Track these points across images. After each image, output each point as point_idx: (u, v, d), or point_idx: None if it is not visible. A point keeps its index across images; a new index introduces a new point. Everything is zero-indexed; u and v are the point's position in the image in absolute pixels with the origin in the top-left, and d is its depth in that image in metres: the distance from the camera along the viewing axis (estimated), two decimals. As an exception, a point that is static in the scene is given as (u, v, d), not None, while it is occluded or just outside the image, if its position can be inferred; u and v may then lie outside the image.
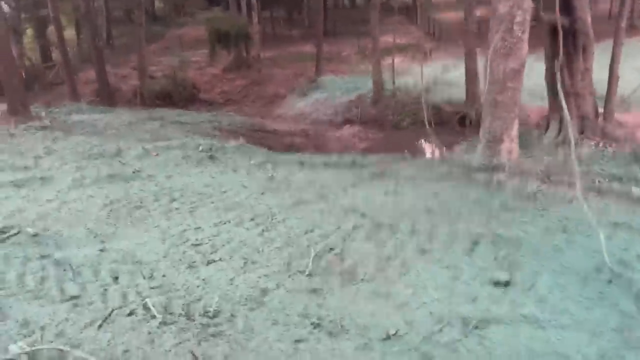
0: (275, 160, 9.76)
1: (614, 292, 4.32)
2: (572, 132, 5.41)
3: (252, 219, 6.19)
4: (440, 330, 3.73)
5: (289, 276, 4.67)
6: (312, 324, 3.88)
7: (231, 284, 4.53)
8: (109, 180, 8.09)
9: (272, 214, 6.34)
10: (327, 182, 8.04)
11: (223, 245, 5.41)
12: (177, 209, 6.67)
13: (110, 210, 6.58)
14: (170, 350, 3.52)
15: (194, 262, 4.98)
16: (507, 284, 4.49)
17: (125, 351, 3.49)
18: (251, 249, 5.31)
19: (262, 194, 7.35)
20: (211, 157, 9.93)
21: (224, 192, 7.47)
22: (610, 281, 4.53)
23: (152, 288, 4.48)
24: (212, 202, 6.94)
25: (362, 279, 4.59)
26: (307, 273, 4.69)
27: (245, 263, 4.96)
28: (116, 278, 4.65)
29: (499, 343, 3.52)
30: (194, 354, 3.31)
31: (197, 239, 5.56)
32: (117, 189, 7.56)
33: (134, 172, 8.68)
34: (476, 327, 3.73)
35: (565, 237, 5.65)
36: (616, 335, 3.51)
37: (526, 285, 4.49)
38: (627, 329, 3.64)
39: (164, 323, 3.89)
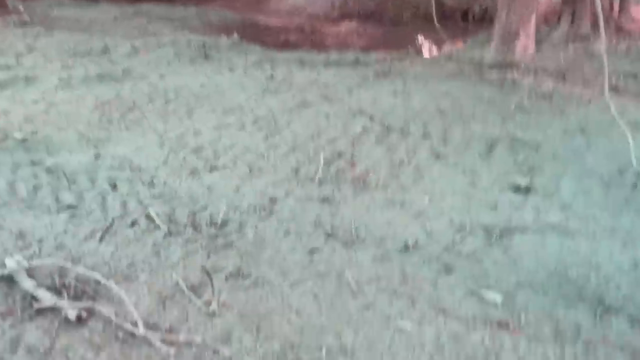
0: (272, 58, 9.18)
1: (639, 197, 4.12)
2: (602, 26, 4.92)
3: (254, 123, 5.83)
4: (462, 240, 3.55)
5: (298, 184, 4.41)
6: (325, 233, 3.67)
7: (237, 192, 4.27)
8: (98, 80, 7.56)
9: (275, 118, 5.97)
10: (330, 82, 7.58)
11: (225, 150, 5.09)
12: (173, 111, 6.26)
13: (102, 113, 6.16)
14: (178, 263, 3.32)
15: (196, 168, 4.69)
16: (527, 189, 4.27)
17: (130, 265, 3.29)
18: (255, 155, 5.00)
19: (263, 95, 6.91)
20: (205, 56, 9.31)
21: (222, 93, 7.01)
22: (635, 185, 4.32)
23: (153, 196, 4.21)
24: (210, 104, 6.52)
25: (375, 186, 4.35)
26: (316, 180, 4.43)
27: (250, 170, 4.67)
28: (114, 186, 4.36)
29: (525, 253, 3.35)
30: (205, 270, 3.11)
31: (197, 144, 5.22)
32: (107, 90, 7.07)
33: (124, 71, 8.12)
34: (500, 237, 3.55)
35: (585, 139, 5.38)
36: (649, 245, 3.34)
37: (548, 190, 4.27)
38: (659, 238, 3.47)
39: (169, 234, 3.66)
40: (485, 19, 12.49)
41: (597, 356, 2.56)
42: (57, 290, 2.90)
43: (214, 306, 2.85)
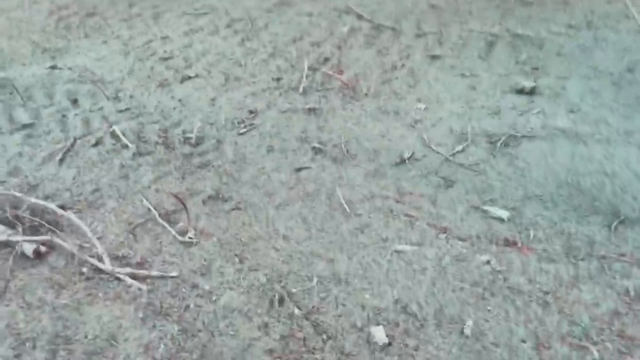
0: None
1: (652, 97, 3.77)
2: None
3: (228, 26, 5.24)
4: (463, 150, 3.21)
5: (280, 94, 3.97)
6: (313, 149, 3.31)
7: (213, 105, 3.84)
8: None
9: (252, 19, 5.38)
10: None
11: (198, 58, 4.58)
12: (138, 15, 5.62)
13: (59, 19, 5.51)
14: (149, 187, 2.97)
15: (166, 79, 4.21)
16: (532, 91, 3.89)
17: (95, 190, 2.94)
18: (231, 62, 4.50)
19: (238, -6, 6.23)
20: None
21: (192, -7, 6.31)
22: (647, 84, 3.95)
23: (119, 112, 3.78)
24: (179, 6, 5.86)
25: (365, 94, 3.93)
26: (300, 90, 3.99)
27: (226, 79, 4.20)
28: (75, 101, 3.90)
29: (532, 163, 3.04)
30: (178, 198, 2.77)
31: (165, 52, 4.69)
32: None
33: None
34: (504, 145, 3.22)
35: (591, 34, 4.91)
36: (668, 150, 3.04)
37: (554, 92, 3.89)
38: (677, 142, 3.16)
39: (138, 154, 3.28)
40: None
41: (613, 273, 2.33)
42: (10, 223, 2.57)
43: (190, 234, 2.55)
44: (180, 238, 2.52)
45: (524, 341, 1.98)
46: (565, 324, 2.06)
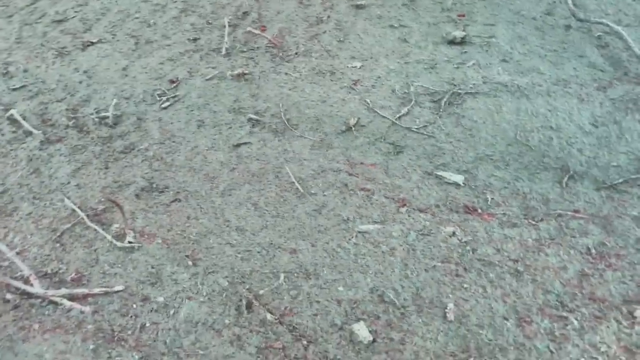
0: None
1: (575, 39, 3.83)
2: None
3: (127, -23, 4.63)
4: (408, 112, 3.08)
5: (202, 58, 3.58)
6: (250, 121, 3.02)
7: (126, 76, 3.38)
8: None
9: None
10: None
11: (97, 19, 4.01)
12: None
13: None
14: (68, 182, 2.57)
15: (64, 47, 3.64)
16: (463, 41, 3.80)
17: (2, 193, 2.49)
18: (138, 22, 3.99)
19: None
20: None
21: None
22: (568, 26, 4.00)
23: (13, 90, 3.23)
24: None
25: (296, 54, 3.64)
26: (223, 52, 3.62)
27: (136, 43, 3.72)
28: (-47, 81, 3.28)
29: (480, 122, 2.97)
30: (114, 202, 2.41)
31: (58, 13, 4.06)
32: None
33: None
34: (449, 104, 3.13)
35: (509, -23, 4.88)
36: (604, 98, 3.09)
37: (484, 41, 3.84)
38: (608, 86, 3.23)
39: (47, 141, 2.83)
40: None
41: (572, 232, 2.36)
42: None
43: (130, 237, 2.23)
44: (118, 243, 2.20)
45: (506, 319, 1.95)
46: (540, 293, 2.06)
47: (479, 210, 2.49)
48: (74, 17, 4.00)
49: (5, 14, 3.99)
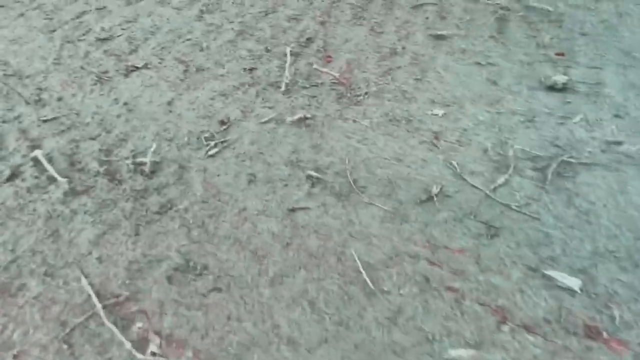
0: None
1: None
2: None
3: (182, -9, 4.23)
4: (505, 182, 2.50)
5: (258, 94, 3.10)
6: (309, 178, 2.51)
7: (170, 112, 2.94)
8: None
9: (211, -18, 4.37)
10: None
11: (146, 38, 3.60)
12: (65, -26, 4.48)
13: (-40, -20, 4.32)
14: (89, 253, 2.12)
15: (106, 72, 3.24)
16: (564, 87, 3.19)
17: (11, 262, 2.07)
18: (190, 44, 3.55)
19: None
20: None
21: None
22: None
23: (44, 122, 2.83)
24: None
25: (366, 93, 3.12)
26: (283, 87, 3.13)
27: (186, 71, 3.28)
28: (-19, 107, 2.92)
29: (599, 203, 2.36)
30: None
31: (103, 29, 3.67)
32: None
33: None
34: (558, 175, 2.52)
35: (613, 7, 4.22)
36: None
37: (590, 88, 3.21)
38: None
39: (72, 192, 2.40)
40: None
41: None
42: None
43: (154, 346, 1.75)
44: (138, 355, 1.72)
45: None
46: None
47: (605, 334, 1.89)
48: (120, 35, 3.60)
49: (47, 28, 3.64)
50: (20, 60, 3.26)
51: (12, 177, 2.47)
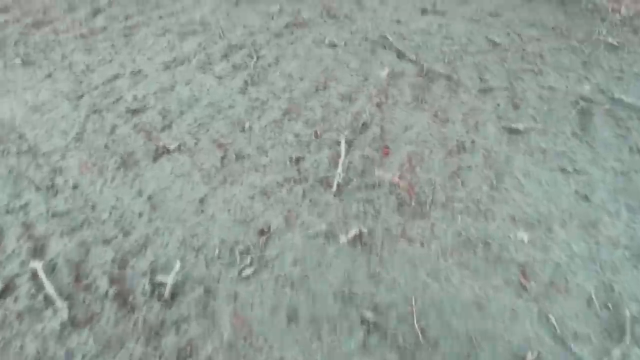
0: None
1: None
2: None
3: (225, 56, 3.86)
4: (623, 357, 1.95)
5: (305, 194, 2.63)
6: (364, 324, 2.00)
7: (202, 212, 2.48)
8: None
9: (257, 48, 4.00)
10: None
11: (182, 112, 3.20)
12: (103, 29, 4.18)
13: (-8, 29, 4.05)
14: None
15: (132, 154, 2.82)
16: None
17: None
18: (230, 123, 3.14)
19: (237, 5, 4.82)
20: None
21: (178, -1, 4.87)
22: None
23: (53, 216, 2.40)
24: (160, 18, 4.43)
25: (432, 202, 2.62)
26: (334, 188, 2.66)
27: (223, 158, 2.84)
28: (-15, 190, 2.52)
29: None
30: None
31: (136, 98, 3.29)
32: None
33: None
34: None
35: None
36: None
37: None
38: None
39: (72, 323, 1.93)
40: None
41: None
42: None
43: None
44: None
45: None
46: None
47: None
48: (153, 106, 3.21)
49: (75, 93, 3.27)
50: (38, 134, 2.87)
51: (3, 293, 2.02)
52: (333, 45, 4.11)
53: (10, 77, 3.37)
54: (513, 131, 3.22)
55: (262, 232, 2.36)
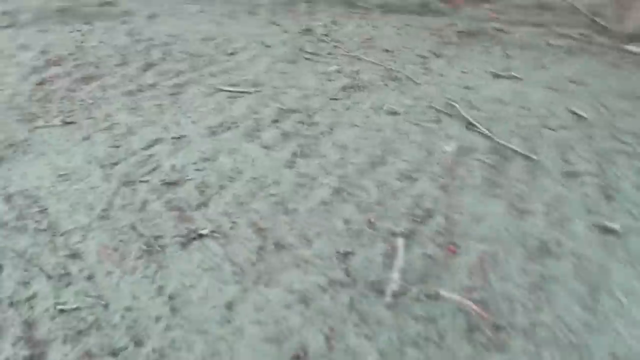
0: (311, -3, 6.69)
1: None
2: None
3: (275, 122, 3.55)
4: None
5: (352, 303, 2.18)
6: None
7: (228, 322, 2.08)
8: (59, 18, 5.27)
9: (311, 112, 3.68)
10: (394, 43, 5.16)
11: (221, 187, 2.87)
12: (151, 86, 3.99)
13: (41, 81, 3.93)
14: None
15: (159, 238, 2.48)
16: None
17: None
18: (273, 203, 2.77)
19: (294, 63, 4.56)
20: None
21: (231, 54, 4.68)
22: None
23: (60, 312, 2.07)
24: (212, 76, 4.22)
25: (512, 329, 2.11)
26: (388, 297, 2.20)
27: (261, 248, 2.46)
28: (-7, 275, 2.23)
29: None
30: None
31: (174, 168, 3.00)
32: (67, 36, 4.80)
33: (103, 4, 5.80)
34: None
35: None
36: None
37: None
38: None
39: None
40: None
41: None
42: None
43: None
44: None
45: None
46: None
47: None
48: (191, 178, 2.90)
49: (110, 159, 3.01)
50: (61, 208, 2.59)
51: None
52: (393, 113, 3.73)
53: (47, 138, 3.17)
54: (607, 231, 2.68)
55: (296, 358, 1.93)
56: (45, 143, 3.13)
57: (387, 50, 4.99)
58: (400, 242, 2.45)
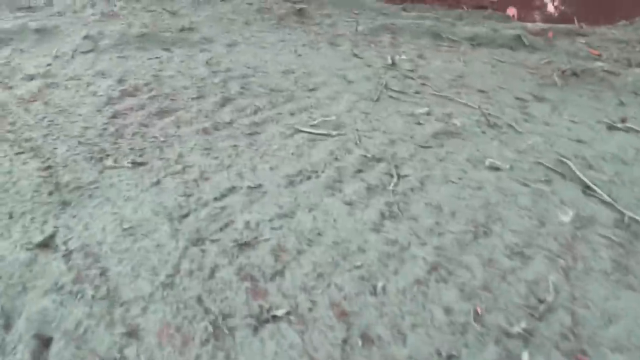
0: (395, 26, 6.33)
1: None
2: None
3: (359, 172, 3.17)
4: None
5: None
6: None
7: None
8: (139, 44, 5.17)
9: (398, 161, 3.27)
10: (487, 82, 4.68)
11: (299, 251, 2.50)
12: (228, 124, 3.73)
13: (115, 114, 3.75)
14: None
15: (227, 317, 2.13)
16: None
17: None
18: (358, 278, 2.37)
19: (378, 102, 4.19)
20: (299, 12, 6.71)
21: (312, 90, 4.36)
22: None
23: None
24: (292, 114, 3.91)
25: None
26: None
27: (345, 341, 2.06)
28: (40, 351, 1.95)
29: None
30: None
31: (248, 225, 2.66)
32: (145, 63, 4.67)
33: (183, 30, 5.69)
34: None
35: None
36: None
37: None
38: None
39: None
40: None
41: None
42: None
43: None
44: None
45: None
46: None
47: None
48: (267, 239, 2.55)
49: (179, 211, 2.72)
50: (122, 271, 2.31)
51: None
52: (495, 169, 3.25)
53: (114, 182, 2.94)
54: None
55: None
56: (113, 187, 2.89)
57: (481, 91, 4.52)
58: (525, 357, 1.97)
